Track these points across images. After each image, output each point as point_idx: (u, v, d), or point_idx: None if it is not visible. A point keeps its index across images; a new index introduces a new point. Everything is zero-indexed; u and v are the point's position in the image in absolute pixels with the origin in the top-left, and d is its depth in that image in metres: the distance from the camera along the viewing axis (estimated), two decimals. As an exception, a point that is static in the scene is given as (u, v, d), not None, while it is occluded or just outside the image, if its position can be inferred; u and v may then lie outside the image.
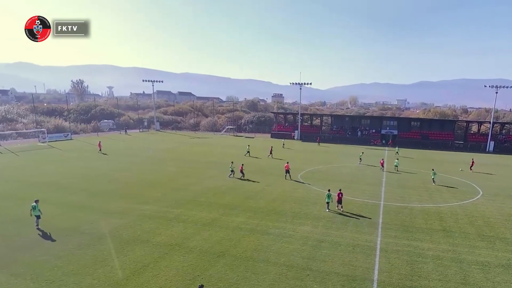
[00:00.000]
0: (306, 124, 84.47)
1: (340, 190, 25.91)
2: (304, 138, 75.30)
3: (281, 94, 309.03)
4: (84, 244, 18.54)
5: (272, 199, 27.75)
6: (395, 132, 72.13)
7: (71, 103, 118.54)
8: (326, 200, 25.29)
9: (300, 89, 78.64)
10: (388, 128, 73.68)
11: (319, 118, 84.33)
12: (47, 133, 63.88)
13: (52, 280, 15.01)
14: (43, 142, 60.44)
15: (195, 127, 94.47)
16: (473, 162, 43.95)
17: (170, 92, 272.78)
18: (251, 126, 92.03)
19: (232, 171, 35.37)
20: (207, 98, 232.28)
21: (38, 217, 20.72)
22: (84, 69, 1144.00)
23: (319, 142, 68.21)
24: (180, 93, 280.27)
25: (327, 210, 25.11)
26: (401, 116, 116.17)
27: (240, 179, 34.46)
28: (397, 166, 41.79)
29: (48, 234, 19.90)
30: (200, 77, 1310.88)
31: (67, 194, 28.20)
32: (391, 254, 18.32)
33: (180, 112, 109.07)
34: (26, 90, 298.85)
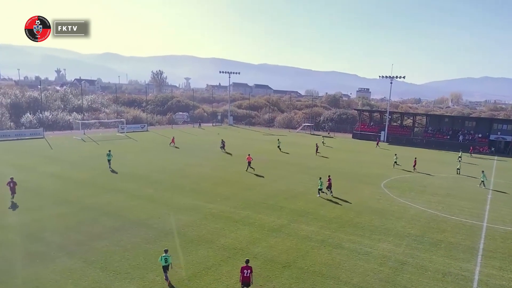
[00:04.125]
0: (395, 124, 79.94)
1: (329, 176, 30.33)
2: (392, 140, 71.30)
3: (368, 89, 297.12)
4: (151, 239, 19.97)
5: (348, 209, 26.82)
6: (509, 138, 64.11)
7: (150, 94, 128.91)
8: (319, 187, 29.58)
9: (391, 83, 74.54)
10: (499, 133, 65.80)
11: (412, 118, 79.09)
12: (126, 124, 70.39)
13: (119, 271, 16.44)
14: (121, 133, 66.78)
15: (270, 123, 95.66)
16: None
17: (246, 84, 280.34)
18: (330, 124, 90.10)
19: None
20: (285, 92, 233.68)
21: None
22: (165, 60, 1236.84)
23: (378, 143, 63.43)
24: (257, 86, 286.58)
25: (318, 195, 29.32)
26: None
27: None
28: (483, 182, 35.56)
29: (121, 225, 21.85)
30: (278, 69, 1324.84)
31: (141, 186, 30.70)
32: (492, 289, 16.36)
33: (255, 106, 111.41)
34: (111, 80, 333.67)
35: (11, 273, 15.90)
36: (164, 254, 15.84)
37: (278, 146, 53.74)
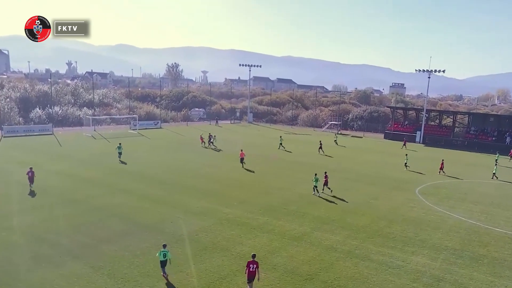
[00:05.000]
0: (432, 123, 78.13)
1: (325, 172, 31.91)
2: (429, 141, 69.74)
3: (402, 84, 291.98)
4: (161, 244, 20.11)
5: (378, 217, 26.35)
6: None
7: (164, 88, 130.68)
8: (314, 184, 30.38)
9: (429, 77, 72.79)
10: (552, 134, 63.41)
11: (452, 117, 77.14)
12: (138, 120, 71.50)
13: (128, 279, 16.65)
14: (133, 130, 67.90)
15: (293, 121, 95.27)
16: None
17: (268, 78, 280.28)
18: (359, 123, 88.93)
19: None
20: (310, 87, 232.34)
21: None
22: (181, 52, 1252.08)
23: (404, 144, 61.39)
24: (279, 80, 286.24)
25: (313, 193, 30.49)
26: None
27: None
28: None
29: (130, 228, 22.17)
30: (303, 62, 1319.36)
31: (152, 186, 31.12)
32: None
33: (276, 103, 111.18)
34: (124, 73, 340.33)
35: (16, 277, 16.35)
36: (162, 249, 16.86)
37: (280, 143, 53.95)
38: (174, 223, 23.25)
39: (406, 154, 45.19)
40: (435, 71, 72.08)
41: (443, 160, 42.92)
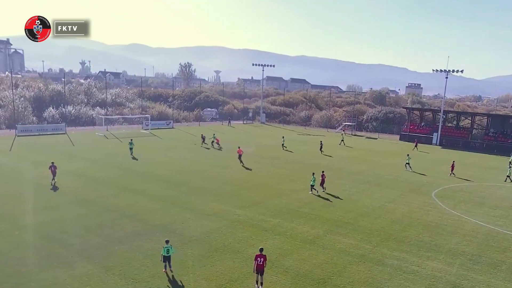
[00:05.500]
0: (450, 125, 77.09)
1: (323, 171, 32.70)
2: (446, 143, 68.80)
3: (419, 85, 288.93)
4: (173, 246, 20.21)
5: (393, 220, 26.09)
6: None
7: (177, 88, 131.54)
8: (311, 183, 31.27)
9: (446, 78, 71.85)
10: None
11: (470, 118, 75.99)
12: (150, 120, 72.11)
13: (138, 279, 16.80)
14: (145, 130, 68.52)
15: (306, 122, 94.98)
16: None
17: (281, 78, 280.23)
18: (374, 124, 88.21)
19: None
20: (324, 87, 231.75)
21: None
22: (194, 51, 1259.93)
23: (416, 146, 60.68)
24: (293, 80, 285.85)
25: (310, 192, 31.18)
26: None
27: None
28: None
29: (141, 229, 22.36)
30: (318, 61, 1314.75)
31: (164, 187, 31.36)
32: None
33: (290, 103, 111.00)
34: (136, 73, 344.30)
35: (29, 276, 16.62)
36: (165, 245, 17.45)
37: (283, 144, 54.63)
38: (185, 224, 23.37)
39: (408, 154, 45.04)
40: (453, 71, 71.16)
41: (453, 161, 42.47)
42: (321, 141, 54.44)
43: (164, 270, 17.44)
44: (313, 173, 32.04)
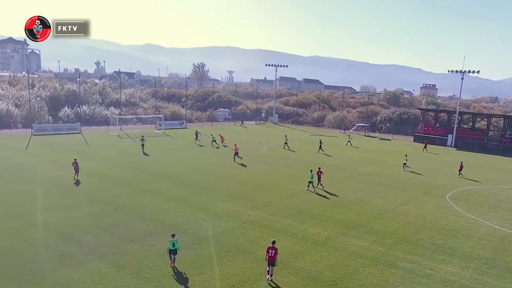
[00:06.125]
0: (465, 126, 75.96)
1: (319, 168, 33.52)
2: (461, 145, 67.80)
3: (434, 85, 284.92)
4: (184, 246, 20.32)
5: (406, 222, 25.82)
6: None
7: (190, 88, 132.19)
8: (309, 180, 32.20)
9: (462, 78, 70.71)
10: None
11: (486, 120, 74.74)
12: (164, 120, 72.62)
13: (150, 279, 16.92)
14: (159, 130, 69.02)
15: (319, 122, 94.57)
16: None
17: (294, 79, 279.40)
18: (388, 125, 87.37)
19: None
20: (337, 87, 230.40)
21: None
22: (207, 52, 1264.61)
23: (425, 147, 60.12)
24: (306, 81, 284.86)
25: (306, 188, 32.29)
26: None
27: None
28: None
29: (154, 229, 22.53)
30: (331, 62, 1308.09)
31: (176, 187, 31.56)
32: None
33: (303, 103, 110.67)
34: (150, 73, 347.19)
35: (43, 274, 16.86)
36: (171, 239, 17.97)
37: (285, 143, 54.67)
38: (197, 224, 23.48)
39: (406, 155, 44.81)
40: (469, 71, 69.99)
41: (462, 162, 41.96)
42: (320, 140, 54.70)
43: (171, 263, 17.90)
44: (311, 170, 33.06)
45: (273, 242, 17.58)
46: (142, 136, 47.83)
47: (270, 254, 17.13)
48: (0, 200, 26.41)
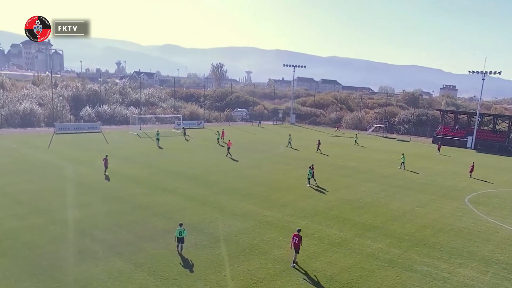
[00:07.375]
0: (486, 128, 74.28)
1: (312, 165, 35.02)
2: (481, 147, 66.36)
3: (454, 86, 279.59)
4: (201, 245, 20.54)
5: (423, 225, 25.42)
6: None
7: (208, 88, 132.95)
8: (308, 177, 33.75)
9: (483, 79, 69.29)
10: None
11: (507, 121, 72.92)
12: (182, 120, 73.24)
13: (166, 277, 17.09)
14: (177, 129, 69.64)
15: (336, 123, 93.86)
16: None
17: (312, 79, 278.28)
18: (406, 126, 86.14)
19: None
20: (355, 88, 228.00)
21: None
22: (226, 52, 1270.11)
23: (439, 149, 59.20)
24: (324, 81, 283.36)
25: (309, 185, 33.43)
26: None
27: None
28: None
29: (171, 227, 22.70)
30: (349, 62, 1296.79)
31: (194, 186, 31.80)
32: None
33: (320, 104, 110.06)
34: (169, 73, 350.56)
35: (64, 270, 17.22)
36: (179, 228, 19.34)
37: (289, 142, 55.29)
38: (214, 224, 23.60)
39: (403, 154, 44.84)
40: (490, 72, 68.49)
41: (473, 163, 41.27)
42: (319, 140, 54.75)
43: (177, 248, 19.37)
44: (309, 167, 34.51)
45: (298, 230, 18.89)
46: (158, 131, 52.81)
47: (294, 241, 18.41)
48: (24, 197, 27.07)
